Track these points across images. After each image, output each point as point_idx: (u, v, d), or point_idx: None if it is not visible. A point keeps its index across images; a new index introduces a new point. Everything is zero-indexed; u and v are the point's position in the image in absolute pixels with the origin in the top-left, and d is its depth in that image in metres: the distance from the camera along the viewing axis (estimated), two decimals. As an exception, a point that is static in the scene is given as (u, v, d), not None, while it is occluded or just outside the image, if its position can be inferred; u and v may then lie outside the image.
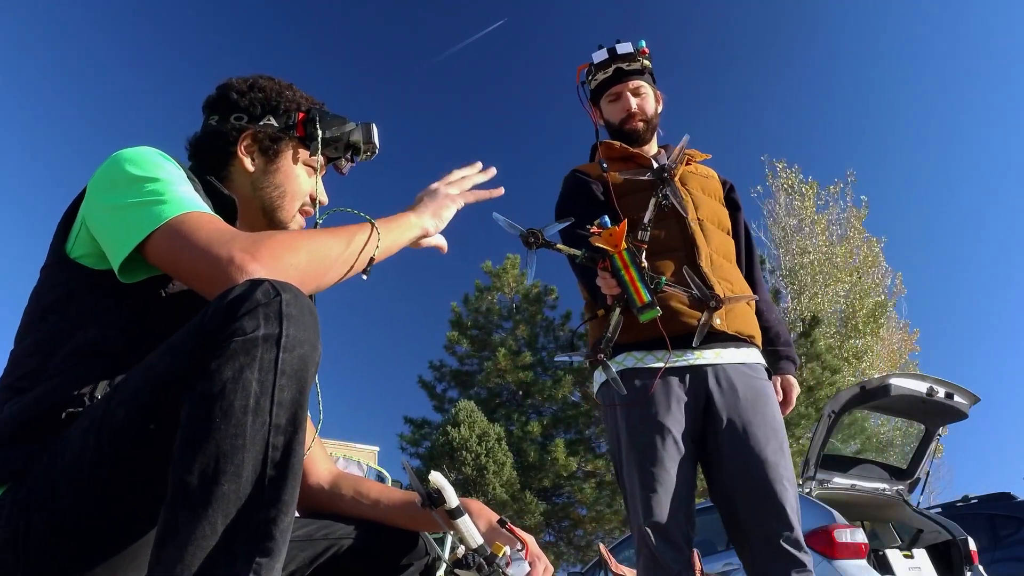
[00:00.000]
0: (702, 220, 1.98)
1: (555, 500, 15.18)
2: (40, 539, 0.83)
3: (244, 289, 0.79)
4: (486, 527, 1.13)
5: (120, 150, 1.02)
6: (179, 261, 0.92)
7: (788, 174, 16.59)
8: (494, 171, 1.29)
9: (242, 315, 0.77)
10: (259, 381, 0.76)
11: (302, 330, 0.79)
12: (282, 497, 0.75)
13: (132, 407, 0.82)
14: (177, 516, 0.73)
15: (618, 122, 2.07)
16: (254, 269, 0.88)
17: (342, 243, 1.00)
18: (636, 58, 2.05)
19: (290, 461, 0.77)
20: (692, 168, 2.12)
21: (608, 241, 1.52)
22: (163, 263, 0.94)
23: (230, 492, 0.73)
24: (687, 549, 1.77)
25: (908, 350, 17.46)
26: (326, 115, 1.21)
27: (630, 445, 1.85)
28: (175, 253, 0.92)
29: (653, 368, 1.83)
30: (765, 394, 1.88)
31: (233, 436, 0.74)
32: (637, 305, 1.49)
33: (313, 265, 0.95)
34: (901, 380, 4.76)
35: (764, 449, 1.78)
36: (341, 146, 1.22)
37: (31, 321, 1.00)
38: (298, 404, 0.78)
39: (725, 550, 5.11)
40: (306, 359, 0.80)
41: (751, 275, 2.14)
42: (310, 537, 1.09)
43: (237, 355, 0.76)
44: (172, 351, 0.82)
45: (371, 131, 1.24)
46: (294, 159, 1.21)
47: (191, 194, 1.00)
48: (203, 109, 1.22)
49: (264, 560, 0.73)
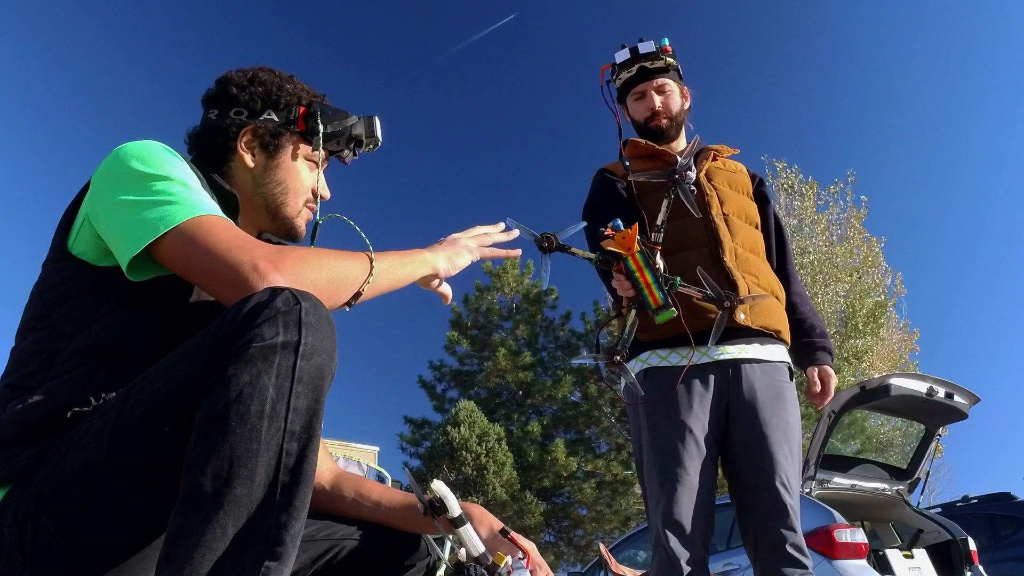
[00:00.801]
0: (728, 215, 1.99)
1: (555, 500, 15.19)
2: (48, 539, 0.83)
3: (265, 297, 0.80)
4: (487, 533, 1.12)
5: (124, 144, 1.01)
6: (195, 264, 0.92)
7: (788, 174, 16.57)
8: (516, 233, 1.35)
9: (262, 322, 0.77)
10: (276, 387, 0.76)
11: (320, 339, 0.80)
12: (294, 503, 0.76)
13: (148, 409, 0.82)
14: (188, 517, 0.73)
15: (643, 120, 2.09)
16: (275, 278, 0.88)
17: (361, 268, 1.01)
18: (659, 56, 2.06)
19: (303, 467, 0.77)
20: (719, 164, 2.12)
21: (620, 244, 1.52)
22: (176, 265, 0.94)
23: (242, 496, 0.73)
24: (703, 550, 1.78)
25: (908, 350, 17.44)
26: (328, 109, 1.20)
27: (652, 445, 1.85)
28: (190, 256, 0.92)
29: (677, 367, 1.84)
30: (784, 397, 1.88)
31: (248, 441, 0.74)
32: (651, 307, 1.50)
33: (332, 284, 0.96)
34: (901, 380, 4.76)
35: (776, 452, 1.79)
36: (343, 140, 1.21)
37: (33, 318, 1.00)
38: (313, 412, 0.78)
39: (725, 550, 5.10)
40: (323, 368, 0.80)
41: (783, 268, 2.13)
42: (312, 537, 1.09)
43: (255, 361, 0.76)
44: (190, 355, 0.82)
45: (373, 124, 1.23)
46: (295, 154, 1.19)
47: (202, 196, 0.99)
48: (202, 103, 1.20)
49: (273, 564, 0.74)
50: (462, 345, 16.24)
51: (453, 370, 16.39)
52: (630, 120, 2.15)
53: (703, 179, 2.03)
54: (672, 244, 1.76)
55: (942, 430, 5.31)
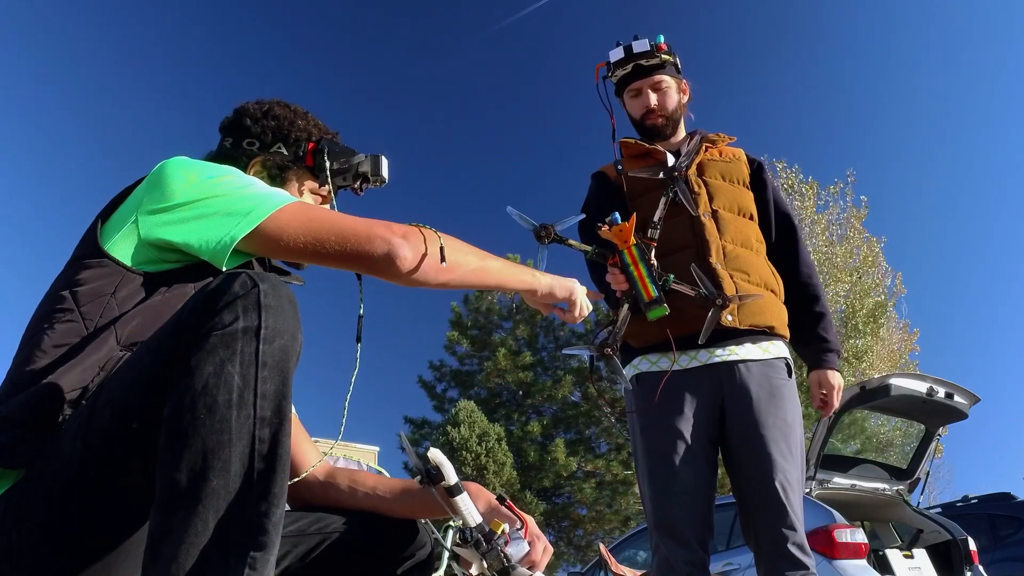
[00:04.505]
0: (717, 211, 1.95)
1: (555, 500, 15.18)
2: (33, 545, 0.82)
3: (220, 282, 0.79)
4: (485, 508, 1.11)
5: (170, 159, 1.06)
6: (320, 239, 0.98)
7: (788, 174, 16.57)
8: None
9: (220, 308, 0.77)
10: (241, 375, 0.76)
11: (281, 320, 0.79)
12: (272, 490, 0.75)
13: (116, 407, 0.82)
14: (168, 515, 0.72)
15: (639, 118, 2.07)
16: (399, 243, 0.99)
17: (475, 257, 1.11)
18: (654, 54, 2.03)
19: (278, 452, 0.76)
20: (714, 154, 2.08)
21: (618, 236, 1.52)
22: (291, 244, 0.98)
23: (219, 488, 0.72)
24: (701, 551, 1.77)
25: (908, 350, 17.44)
26: (336, 146, 1.24)
27: (644, 449, 1.85)
28: (312, 232, 0.98)
29: (666, 371, 1.82)
30: (780, 393, 1.85)
31: (219, 432, 0.73)
32: (644, 300, 1.50)
33: (452, 260, 1.05)
34: (901, 380, 4.75)
35: (773, 452, 1.77)
36: (350, 176, 1.25)
37: (56, 310, 0.99)
38: (282, 395, 0.78)
39: (725, 550, 5.10)
40: (287, 349, 0.79)
41: (795, 255, 2.06)
42: (302, 532, 1.08)
43: (217, 349, 0.76)
44: (153, 349, 0.81)
45: (379, 163, 1.26)
46: (300, 188, 1.23)
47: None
48: (219, 130, 1.25)
49: (259, 554, 0.73)
50: (462, 345, 16.23)
51: (453, 370, 16.39)
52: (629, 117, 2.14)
53: (692, 174, 1.99)
54: (660, 247, 1.76)
55: (942, 430, 5.31)
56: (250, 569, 0.72)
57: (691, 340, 1.79)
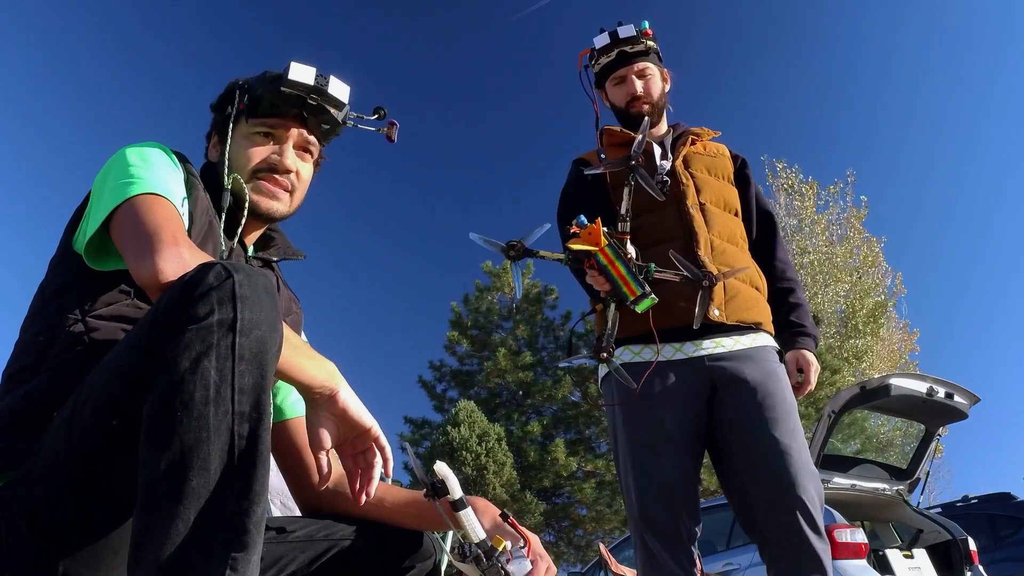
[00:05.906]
0: (704, 204, 1.94)
1: (555, 500, 15.17)
2: (24, 540, 0.82)
3: (195, 272, 0.77)
4: (490, 524, 1.10)
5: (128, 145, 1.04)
6: (123, 237, 0.93)
7: (788, 174, 16.58)
8: None
9: (195, 301, 0.75)
10: (218, 369, 0.73)
11: (258, 311, 0.77)
12: (253, 487, 0.74)
13: (97, 404, 0.81)
14: (150, 515, 0.71)
15: (624, 105, 2.04)
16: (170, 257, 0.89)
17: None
18: (640, 40, 2.01)
19: (257, 448, 0.75)
20: (699, 148, 2.06)
21: (588, 240, 1.49)
22: (115, 240, 0.95)
23: (200, 487, 0.71)
24: (687, 543, 1.73)
25: (908, 350, 17.45)
26: (260, 77, 1.19)
27: (626, 442, 1.82)
28: (123, 229, 0.93)
29: (650, 362, 1.78)
30: (776, 375, 1.81)
31: (197, 429, 0.72)
32: (629, 299, 1.48)
33: None
34: (901, 380, 4.75)
35: (775, 432, 1.71)
36: (280, 100, 1.16)
37: (33, 312, 1.01)
38: (260, 388, 0.76)
39: (725, 550, 5.11)
40: (264, 341, 0.77)
41: (772, 251, 2.07)
42: (311, 538, 1.08)
43: (193, 344, 0.73)
44: (131, 344, 0.80)
45: (289, 71, 1.13)
46: (241, 134, 1.19)
47: (165, 180, 1.00)
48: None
49: (240, 555, 0.72)
50: (462, 345, 16.22)
51: (453, 370, 16.37)
52: (609, 106, 2.10)
53: (679, 167, 1.97)
54: (647, 239, 1.74)
55: (942, 430, 5.31)
56: (231, 571, 0.71)
57: (676, 333, 1.78)
